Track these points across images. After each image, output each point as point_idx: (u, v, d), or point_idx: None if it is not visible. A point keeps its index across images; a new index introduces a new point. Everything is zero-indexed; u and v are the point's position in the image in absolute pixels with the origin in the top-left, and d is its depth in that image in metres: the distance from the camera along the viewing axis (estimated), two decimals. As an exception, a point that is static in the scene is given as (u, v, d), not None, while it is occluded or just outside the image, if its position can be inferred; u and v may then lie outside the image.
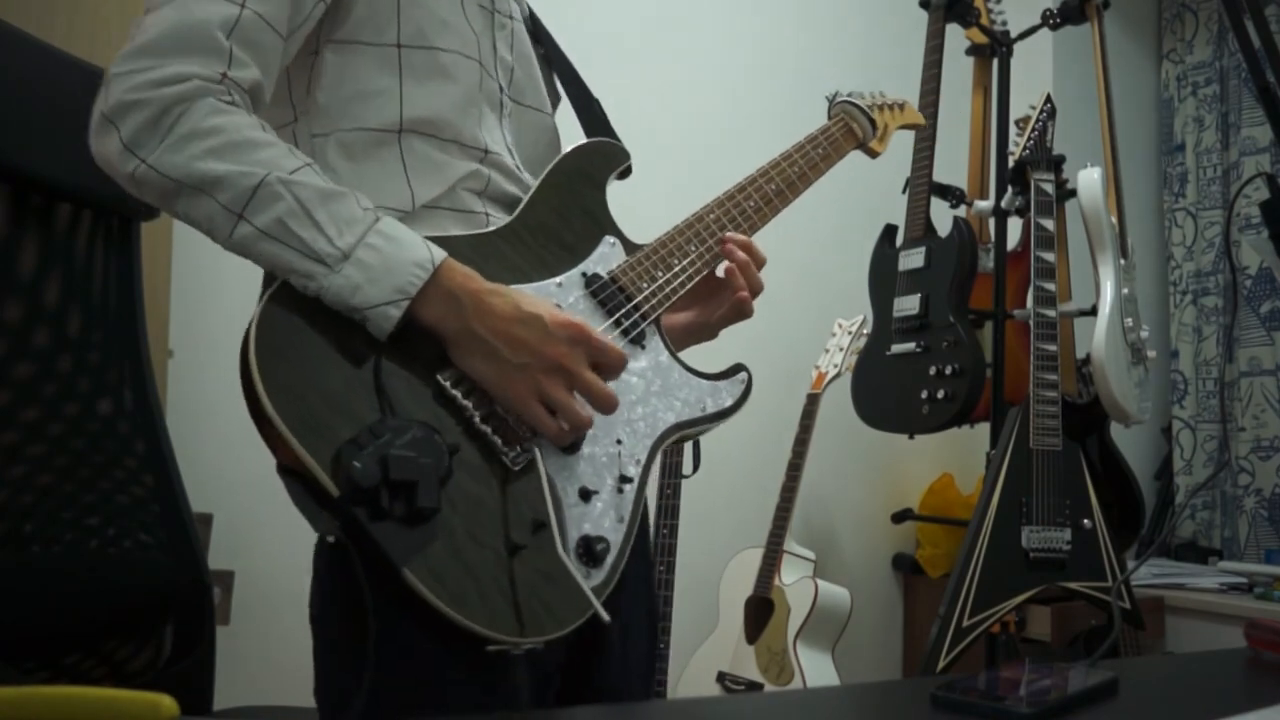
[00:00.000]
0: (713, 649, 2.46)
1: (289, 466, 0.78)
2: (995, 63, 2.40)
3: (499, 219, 0.97)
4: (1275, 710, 0.69)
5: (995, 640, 2.04)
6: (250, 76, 0.85)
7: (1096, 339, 2.14)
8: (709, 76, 2.75)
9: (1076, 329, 2.32)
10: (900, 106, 1.28)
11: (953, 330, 2.16)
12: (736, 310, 1.07)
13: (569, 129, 1.13)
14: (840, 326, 2.62)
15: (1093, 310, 2.19)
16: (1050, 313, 2.04)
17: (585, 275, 0.97)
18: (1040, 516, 1.93)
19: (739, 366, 1.03)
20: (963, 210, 2.35)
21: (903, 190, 2.36)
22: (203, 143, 0.79)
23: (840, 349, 2.55)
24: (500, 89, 1.03)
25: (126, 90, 0.80)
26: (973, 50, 2.46)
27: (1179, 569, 3.02)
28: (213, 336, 1.88)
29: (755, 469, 2.60)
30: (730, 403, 1.01)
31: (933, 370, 2.17)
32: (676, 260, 1.02)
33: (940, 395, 2.16)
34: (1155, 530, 3.27)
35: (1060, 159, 2.19)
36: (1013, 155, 2.26)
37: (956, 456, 2.96)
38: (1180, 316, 3.38)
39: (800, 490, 2.44)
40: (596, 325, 0.93)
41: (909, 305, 2.24)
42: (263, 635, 1.88)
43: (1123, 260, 2.23)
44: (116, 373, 1.11)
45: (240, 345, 0.78)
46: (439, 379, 0.84)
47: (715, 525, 2.55)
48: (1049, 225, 2.09)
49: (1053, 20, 2.38)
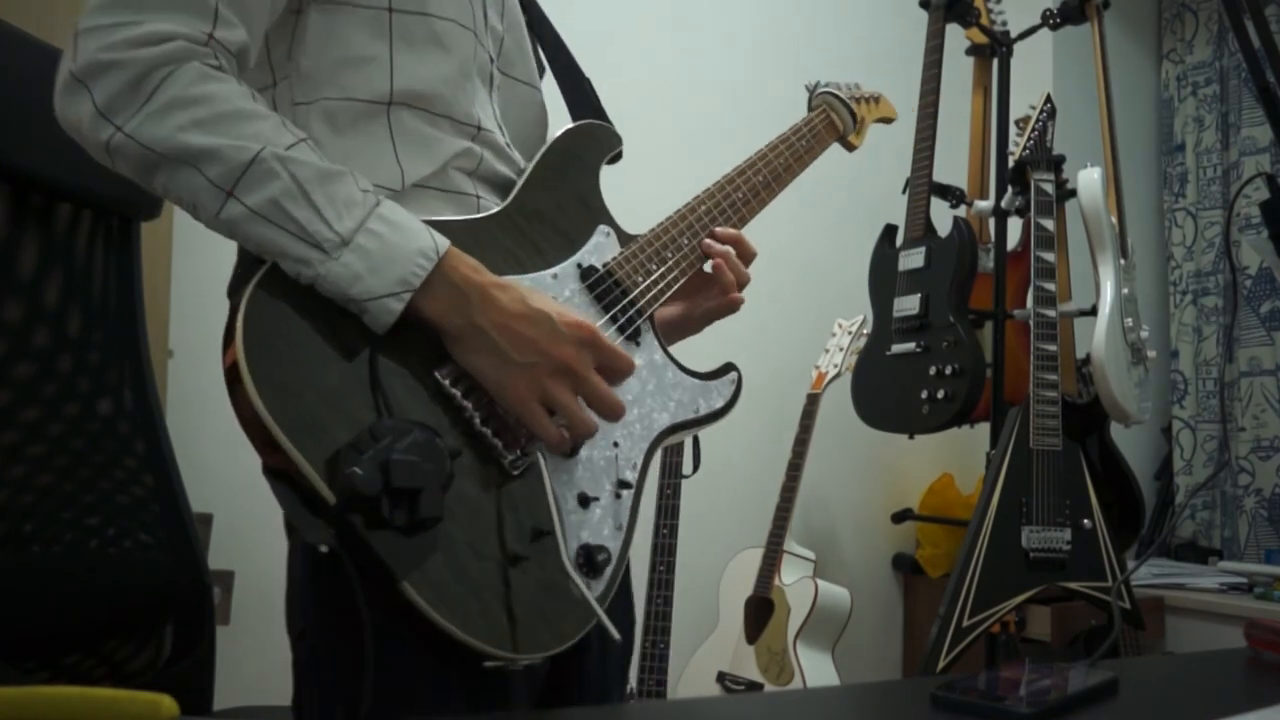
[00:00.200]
0: (713, 649, 2.46)
1: (278, 469, 0.72)
2: (995, 63, 2.40)
3: (489, 201, 0.93)
4: (1275, 710, 0.69)
5: (995, 640, 2.04)
6: (237, 38, 0.78)
7: (1096, 339, 2.14)
8: (708, 75, 2.75)
9: (1076, 329, 2.31)
10: (876, 100, 1.26)
11: (953, 330, 2.16)
12: (726, 306, 1.04)
13: (555, 105, 1.08)
14: (840, 326, 2.62)
15: (1093, 310, 2.19)
16: (1050, 313, 2.04)
17: (581, 267, 0.93)
18: (1040, 516, 1.93)
19: (729, 366, 1.00)
20: (963, 210, 2.35)
21: (903, 190, 2.36)
22: (189, 112, 0.72)
23: (840, 349, 2.55)
24: (490, 59, 0.97)
25: (100, 48, 0.72)
26: (973, 50, 2.46)
27: (1179, 569, 3.02)
28: (213, 336, 1.87)
29: (755, 469, 2.60)
30: (721, 404, 0.98)
31: (933, 370, 2.17)
32: (670, 253, 0.99)
33: (940, 395, 2.16)
34: (1155, 530, 3.26)
35: (1060, 159, 2.19)
36: (1013, 155, 2.26)
37: (956, 456, 2.96)
38: (1180, 316, 3.38)
39: (800, 490, 2.44)
40: (593, 321, 0.89)
41: (909, 305, 2.24)
42: (263, 635, 1.88)
43: (1123, 260, 2.23)
44: (116, 373, 1.11)
45: (223, 336, 0.73)
46: (437, 376, 0.79)
47: (715, 525, 2.55)
48: (1049, 225, 2.09)
49: (1053, 20, 2.38)
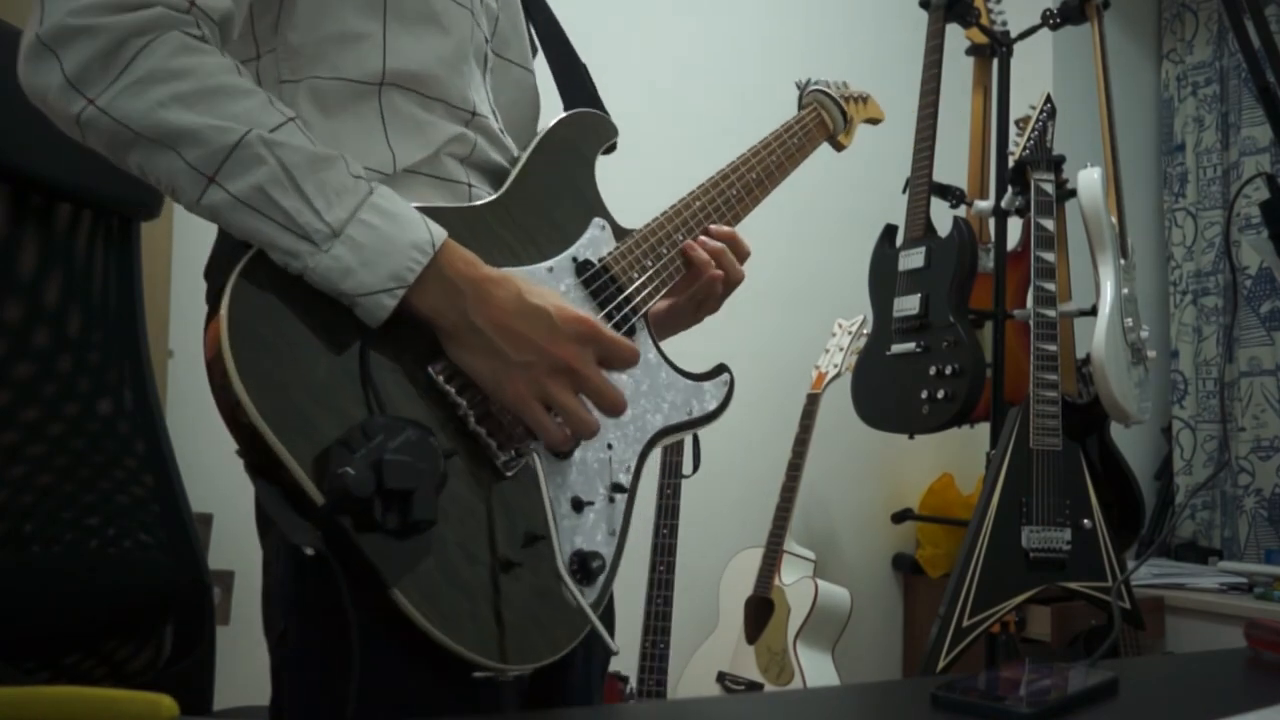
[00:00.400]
0: (713, 649, 2.46)
1: (262, 466, 0.69)
2: (995, 63, 2.40)
3: (481, 189, 0.90)
4: (1275, 710, 0.69)
5: (995, 640, 2.04)
6: (221, 6, 0.73)
7: (1096, 339, 2.14)
8: (705, 73, 2.75)
9: (1076, 329, 2.31)
10: (864, 100, 1.25)
11: (953, 330, 2.16)
12: (714, 298, 1.03)
13: (546, 90, 1.06)
14: (840, 326, 2.62)
15: (1093, 310, 2.19)
16: (1050, 313, 2.04)
17: (576, 261, 0.90)
18: (1040, 516, 1.93)
19: (722, 367, 0.99)
20: (963, 210, 2.35)
21: (903, 190, 2.36)
22: (168, 87, 0.67)
23: (840, 349, 2.55)
24: (485, 40, 0.94)
25: (71, 11, 0.66)
26: (973, 50, 2.46)
27: (1179, 569, 3.02)
28: (213, 336, 1.87)
29: (755, 469, 2.60)
30: (714, 405, 0.97)
31: (933, 370, 2.17)
32: (665, 250, 0.96)
33: (940, 395, 2.16)
34: (1155, 530, 3.26)
35: (1060, 159, 2.19)
36: (1013, 155, 2.26)
37: (956, 456, 2.96)
38: (1180, 316, 3.38)
39: (800, 490, 2.44)
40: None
41: (909, 305, 2.24)
42: (263, 635, 1.88)
43: (1123, 260, 2.23)
44: (116, 373, 1.11)
45: (206, 327, 0.69)
46: (430, 372, 0.76)
47: (715, 525, 2.55)
48: (1049, 225, 2.09)
49: (1053, 20, 2.38)
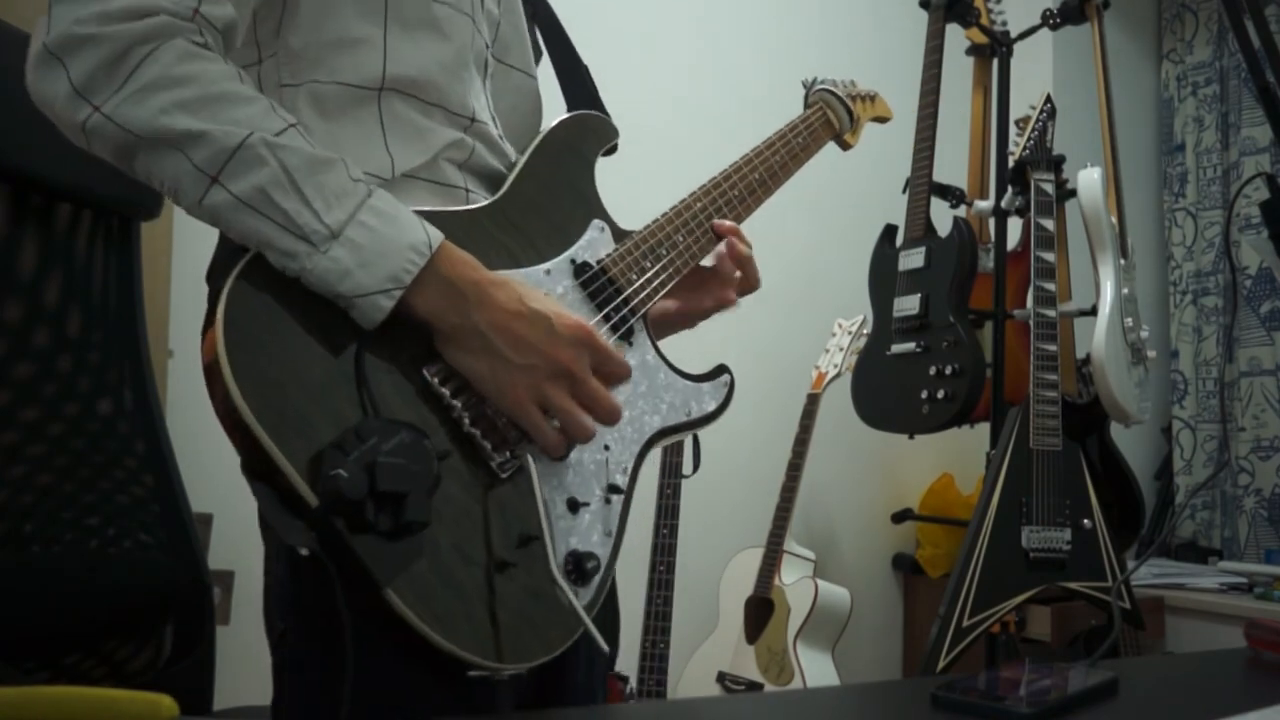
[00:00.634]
0: (713, 649, 2.46)
1: (257, 468, 0.69)
2: (995, 63, 2.40)
3: (479, 195, 0.90)
4: (1275, 710, 0.69)
5: (995, 640, 2.04)
6: (224, 14, 0.74)
7: (1096, 339, 2.14)
8: (707, 73, 2.75)
9: (1076, 329, 2.31)
10: (871, 98, 1.24)
11: (953, 330, 2.16)
12: (723, 304, 1.03)
13: (550, 93, 1.06)
14: (840, 326, 2.62)
15: (1093, 310, 2.19)
16: (1050, 313, 2.04)
17: (574, 263, 0.90)
18: (1040, 516, 1.93)
19: (722, 368, 0.98)
20: (963, 210, 2.35)
21: (903, 190, 2.36)
22: (172, 93, 0.68)
23: (840, 349, 2.55)
24: (486, 45, 0.94)
25: (77, 20, 0.68)
26: (973, 50, 2.46)
27: (1179, 569, 3.02)
28: (213, 336, 1.87)
29: (755, 469, 2.60)
30: (713, 407, 0.96)
31: (933, 370, 2.17)
32: (665, 251, 0.96)
33: (940, 395, 2.16)
34: (1155, 530, 3.26)
35: (1060, 159, 2.19)
36: (1013, 155, 2.26)
37: (956, 456, 2.96)
38: (1180, 316, 3.38)
39: (800, 490, 2.44)
40: (586, 319, 0.86)
41: (909, 305, 2.24)
42: (262, 635, 1.88)
43: (1123, 260, 2.23)
44: (116, 373, 1.11)
45: (202, 328, 0.71)
46: (425, 374, 0.76)
47: (715, 525, 2.55)
48: (1049, 225, 2.09)
49: (1053, 20, 2.38)
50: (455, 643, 0.71)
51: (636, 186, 1.12)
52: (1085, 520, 1.96)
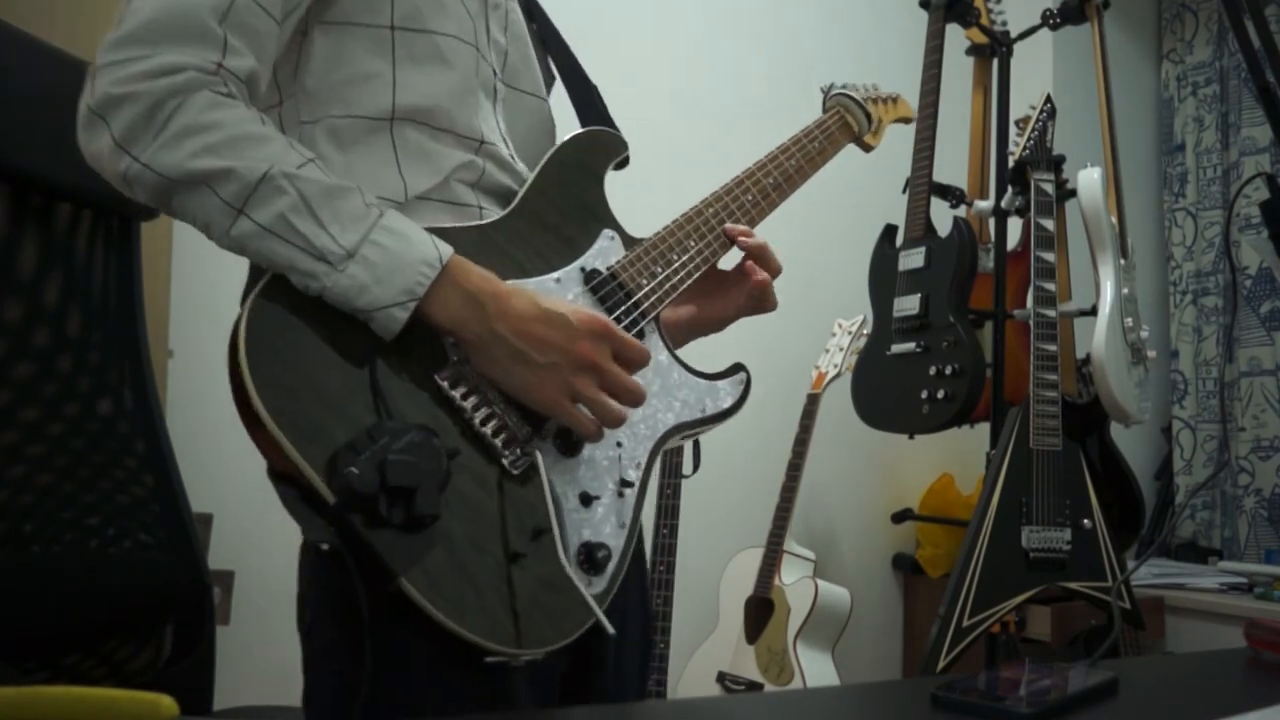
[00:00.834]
0: (713, 649, 2.46)
1: (281, 471, 0.75)
2: (995, 63, 2.40)
3: (491, 211, 0.94)
4: (1275, 710, 0.69)
5: (995, 640, 2.04)
6: (246, 65, 0.81)
7: (1096, 339, 2.14)
8: (708, 75, 2.75)
9: (1076, 329, 2.31)
10: (894, 100, 1.27)
11: (953, 330, 2.16)
12: (757, 300, 1.05)
13: (562, 113, 1.10)
14: (840, 326, 2.62)
15: (1093, 310, 2.19)
16: (1050, 313, 2.04)
17: (584, 271, 0.94)
18: (1040, 516, 1.93)
19: (738, 366, 1.01)
20: (963, 210, 2.35)
21: (903, 190, 2.36)
22: (199, 139, 0.75)
23: (840, 349, 2.55)
24: (494, 73, 0.99)
25: (115, 82, 0.75)
26: (973, 50, 2.46)
27: (1179, 569, 3.02)
28: (213, 336, 1.87)
29: (755, 469, 2.60)
30: (730, 403, 0.99)
31: (933, 370, 2.17)
32: (676, 255, 0.99)
33: (940, 395, 2.16)
34: (1155, 530, 3.26)
35: (1060, 159, 2.19)
36: (1013, 155, 2.26)
37: (956, 456, 2.96)
38: (1180, 316, 3.38)
39: (800, 490, 2.44)
40: None
41: (909, 305, 2.24)
42: (263, 635, 1.88)
43: (1123, 260, 2.23)
44: (116, 373, 1.11)
45: (228, 342, 0.75)
46: (437, 379, 0.81)
47: (715, 525, 2.55)
48: (1049, 225, 2.09)
49: (1053, 20, 2.38)
50: (467, 628, 0.75)
51: (635, 184, 1.12)
52: (1085, 520, 1.96)
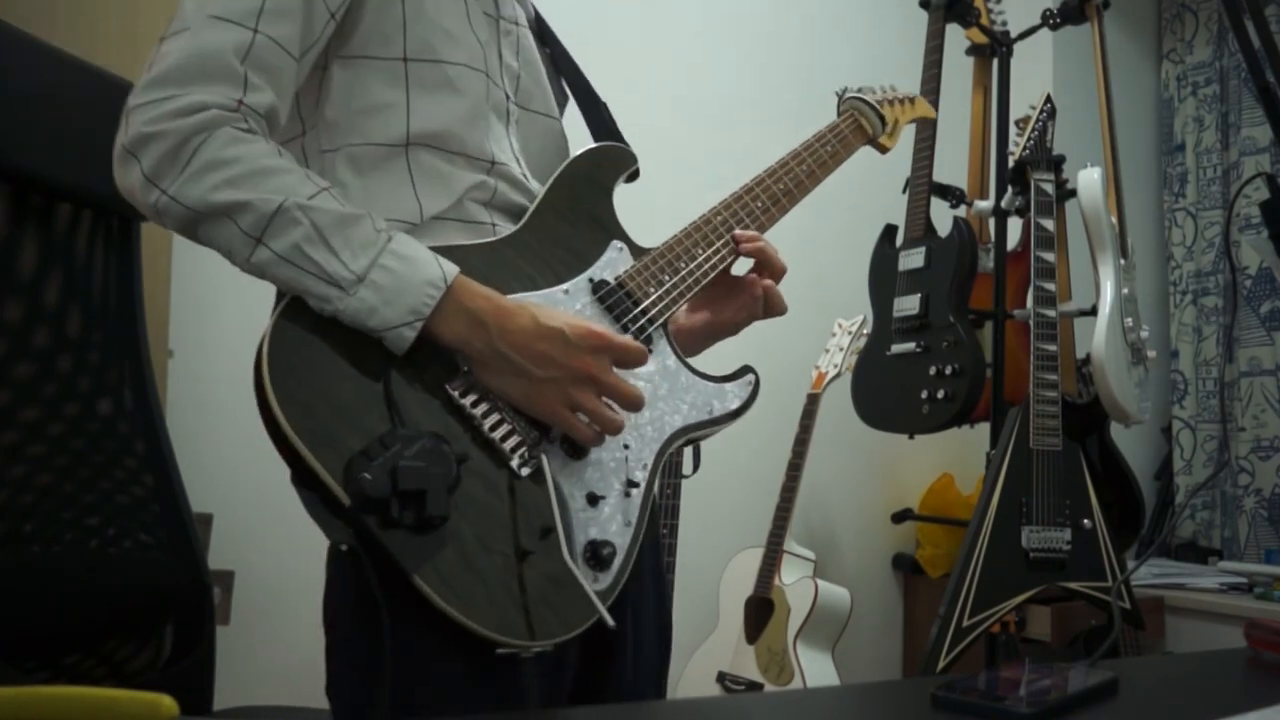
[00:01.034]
0: (713, 649, 2.46)
1: (303, 478, 0.79)
2: (995, 63, 2.40)
3: (504, 228, 0.98)
4: (1275, 710, 0.69)
5: (995, 640, 2.04)
6: (266, 101, 0.86)
7: (1096, 339, 2.14)
8: (710, 77, 2.75)
9: (1076, 329, 2.31)
10: (910, 101, 1.28)
11: (953, 330, 2.16)
12: (764, 306, 1.08)
13: (577, 131, 1.13)
14: (840, 326, 2.62)
15: (1093, 310, 2.19)
16: (1050, 313, 2.04)
17: (592, 281, 0.98)
18: (1040, 516, 1.93)
19: (746, 368, 1.03)
20: (963, 210, 2.35)
21: (903, 190, 2.36)
22: (221, 173, 0.81)
23: (840, 349, 2.55)
24: (507, 96, 1.04)
25: (146, 122, 0.81)
26: (973, 50, 2.46)
27: (1179, 569, 3.02)
28: (213, 336, 1.88)
29: (755, 469, 2.60)
30: (737, 404, 1.01)
31: (933, 370, 2.17)
32: (684, 263, 1.02)
33: (940, 395, 2.16)
34: (1155, 530, 3.26)
35: (1060, 159, 2.19)
36: (1013, 155, 2.26)
37: (956, 456, 2.96)
38: (1180, 316, 3.38)
39: (800, 490, 2.44)
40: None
41: (909, 305, 2.24)
42: (263, 635, 1.88)
43: (1123, 260, 2.23)
44: (116, 373, 1.11)
45: (254, 361, 0.80)
46: (448, 389, 0.85)
47: (715, 525, 2.55)
48: (1049, 225, 2.09)
49: (1053, 20, 2.38)
50: (477, 621, 0.79)
51: (634, 186, 1.13)
52: (1085, 520, 1.96)
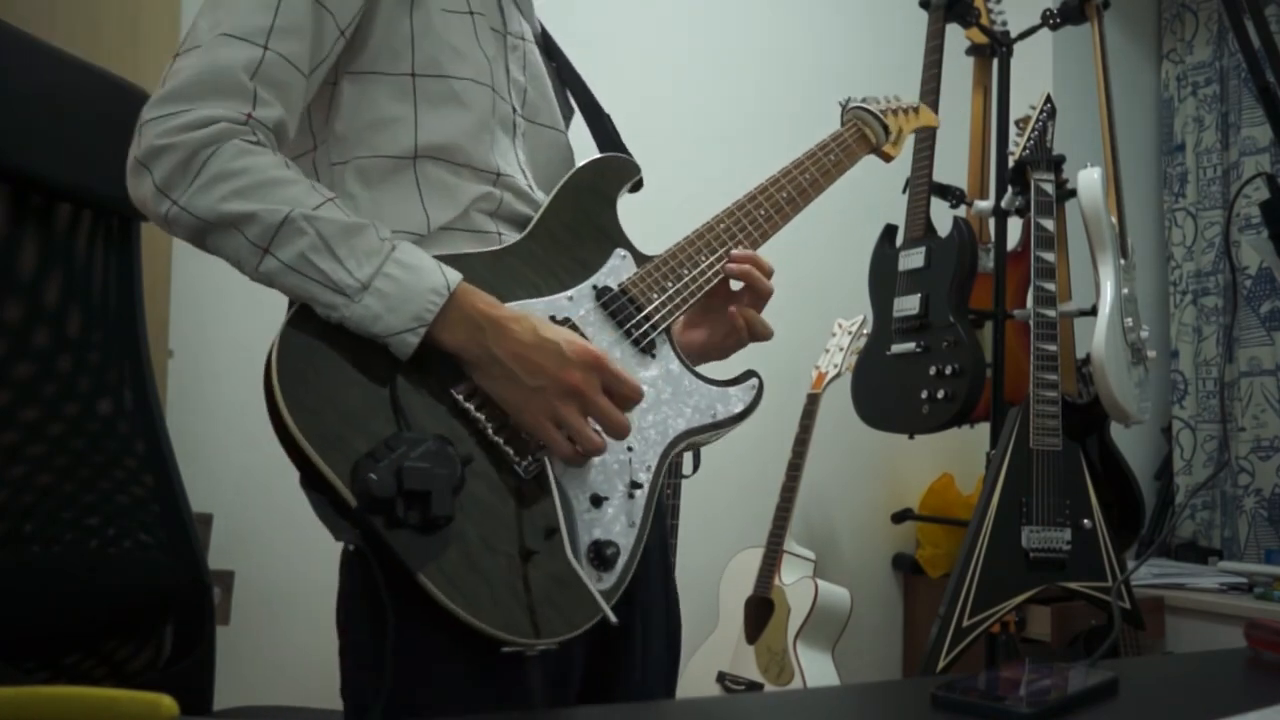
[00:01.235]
0: (713, 649, 2.46)
1: (312, 480, 0.81)
2: (995, 63, 2.40)
3: (510, 237, 1.00)
4: (1275, 710, 0.70)
5: (995, 640, 2.04)
6: (274, 115, 0.89)
7: (1096, 339, 2.14)
8: (711, 80, 2.75)
9: (1076, 329, 2.31)
10: (915, 110, 1.29)
11: (953, 330, 2.16)
12: (750, 332, 1.08)
13: (583, 143, 1.14)
14: (840, 326, 2.62)
15: (1093, 310, 2.19)
16: (1050, 313, 2.04)
17: (596, 288, 0.99)
18: (1040, 516, 1.93)
19: (750, 372, 1.04)
20: (963, 210, 2.35)
21: (903, 190, 2.36)
22: (230, 184, 0.83)
23: (840, 349, 2.55)
24: (513, 110, 1.05)
25: (157, 135, 0.84)
26: (973, 50, 2.46)
27: (1179, 569, 3.02)
28: (213, 336, 1.88)
29: (755, 469, 2.60)
30: (741, 408, 1.02)
31: (933, 370, 2.17)
32: (687, 270, 1.03)
33: (940, 395, 2.16)
34: (1155, 530, 3.27)
35: (1060, 159, 2.19)
36: (1013, 155, 2.26)
37: (956, 456, 2.96)
38: (1180, 316, 3.38)
39: (800, 490, 2.44)
40: (607, 336, 0.96)
41: (909, 305, 2.24)
42: (263, 635, 1.88)
43: (1123, 260, 2.23)
44: (116, 373, 1.11)
45: (264, 368, 0.82)
46: (453, 393, 0.87)
47: (715, 525, 2.55)
48: (1049, 225, 2.09)
49: (1053, 20, 2.38)
50: (482, 620, 0.80)
51: (638, 194, 1.13)
52: (1085, 520, 1.96)
